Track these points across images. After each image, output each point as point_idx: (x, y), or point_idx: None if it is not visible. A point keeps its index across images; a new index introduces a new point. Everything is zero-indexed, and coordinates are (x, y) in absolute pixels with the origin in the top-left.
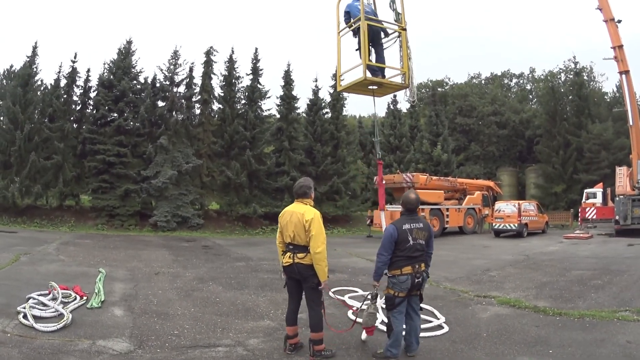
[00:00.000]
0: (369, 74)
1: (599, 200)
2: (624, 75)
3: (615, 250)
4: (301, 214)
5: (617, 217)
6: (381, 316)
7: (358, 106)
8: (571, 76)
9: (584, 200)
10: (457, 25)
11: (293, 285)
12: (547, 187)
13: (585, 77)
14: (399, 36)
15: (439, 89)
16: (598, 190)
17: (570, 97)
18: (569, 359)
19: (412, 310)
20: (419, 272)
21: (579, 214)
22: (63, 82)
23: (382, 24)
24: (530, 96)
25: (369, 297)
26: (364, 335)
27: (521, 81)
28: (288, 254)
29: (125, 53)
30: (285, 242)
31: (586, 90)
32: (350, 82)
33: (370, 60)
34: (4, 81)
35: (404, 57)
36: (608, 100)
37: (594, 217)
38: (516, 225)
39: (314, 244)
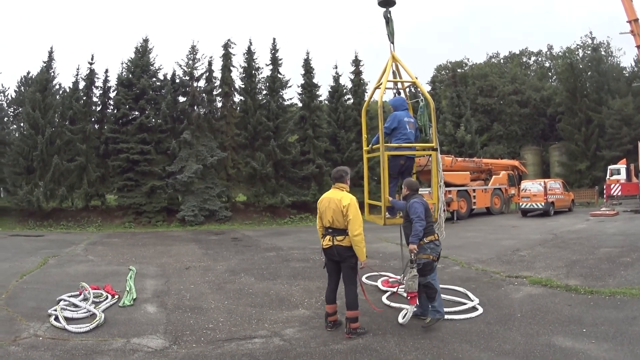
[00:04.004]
0: (388, 214)
1: (623, 176)
2: None
3: None
4: (338, 200)
5: None
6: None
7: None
8: (589, 52)
9: (608, 177)
10: (473, 5)
11: (332, 266)
12: (571, 165)
13: (602, 53)
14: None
15: (458, 70)
16: (622, 166)
17: (589, 73)
18: (603, 338)
19: None
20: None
21: (604, 191)
22: (82, 85)
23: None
24: (550, 73)
25: (409, 262)
26: (401, 319)
27: (540, 59)
28: (328, 237)
29: (143, 51)
30: (325, 226)
31: (604, 66)
32: (372, 217)
33: (390, 201)
34: (22, 88)
35: (433, 184)
36: (627, 75)
37: (619, 193)
38: (543, 204)
39: (352, 227)
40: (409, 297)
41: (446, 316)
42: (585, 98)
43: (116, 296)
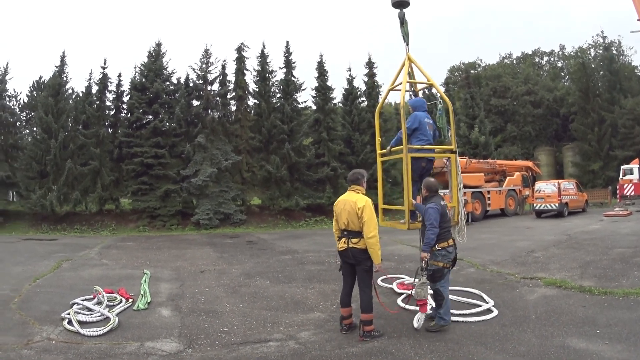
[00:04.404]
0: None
1: (636, 176)
2: None
3: None
4: (353, 202)
5: None
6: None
7: (394, 93)
8: (601, 51)
9: (621, 177)
10: (483, 6)
11: (347, 268)
12: (584, 165)
13: (614, 52)
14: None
15: (471, 72)
16: (634, 166)
17: (601, 72)
18: (616, 339)
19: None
20: (455, 243)
21: (617, 191)
22: (95, 89)
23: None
24: (562, 73)
25: (419, 269)
26: (416, 323)
27: (552, 59)
28: (343, 239)
29: (156, 55)
30: (340, 229)
31: (616, 65)
32: (392, 223)
33: (413, 204)
34: (34, 92)
35: (453, 187)
36: (639, 73)
37: (632, 193)
38: (557, 205)
39: (367, 230)
40: (418, 305)
41: (462, 318)
42: (597, 98)
43: (130, 300)
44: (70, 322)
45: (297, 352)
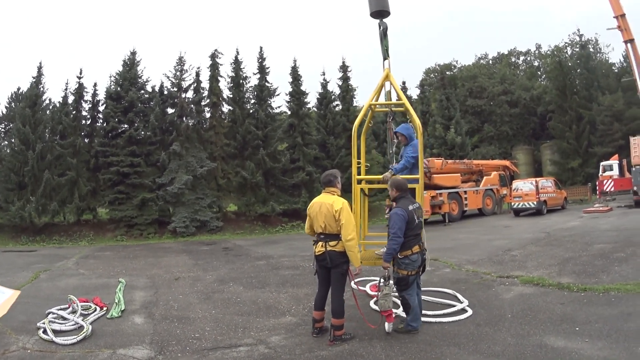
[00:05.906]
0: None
1: (615, 172)
2: (629, 44)
3: (636, 222)
4: (330, 205)
5: (635, 188)
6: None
7: (368, 96)
8: (577, 49)
9: (600, 173)
10: (458, 8)
11: (323, 273)
12: (563, 163)
13: (591, 49)
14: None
15: (447, 73)
16: (614, 162)
17: (578, 70)
18: (597, 336)
19: (416, 285)
20: (424, 249)
21: (597, 188)
22: (71, 99)
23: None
24: (539, 72)
25: (382, 280)
26: (387, 327)
27: (528, 58)
28: (320, 243)
29: (131, 64)
30: (317, 232)
31: (593, 63)
32: (366, 257)
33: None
34: (13, 104)
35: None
36: (616, 70)
37: (612, 189)
38: (535, 203)
39: (345, 232)
40: (384, 316)
41: (435, 319)
42: (575, 95)
43: (104, 308)
44: (45, 332)
45: (266, 357)
